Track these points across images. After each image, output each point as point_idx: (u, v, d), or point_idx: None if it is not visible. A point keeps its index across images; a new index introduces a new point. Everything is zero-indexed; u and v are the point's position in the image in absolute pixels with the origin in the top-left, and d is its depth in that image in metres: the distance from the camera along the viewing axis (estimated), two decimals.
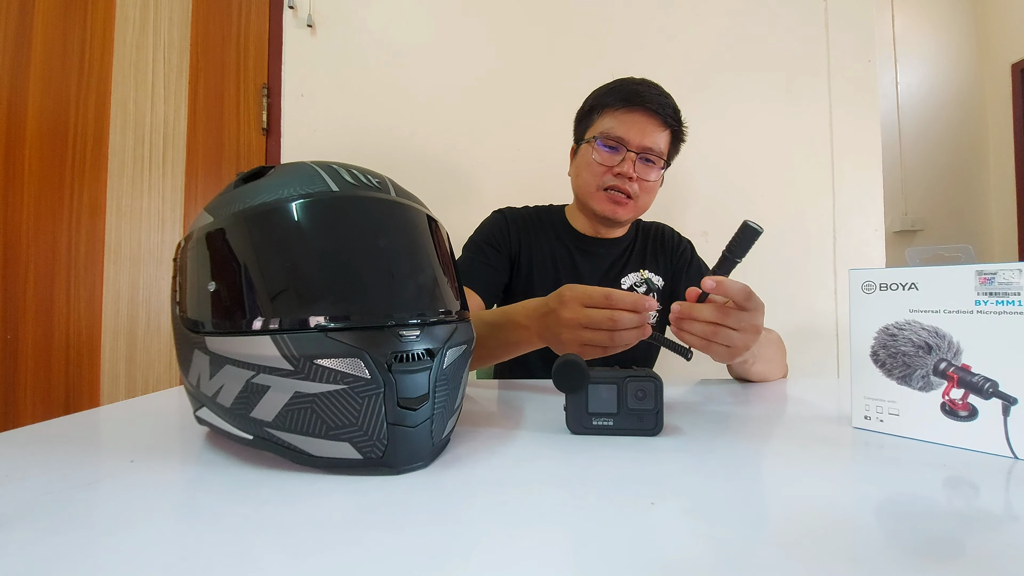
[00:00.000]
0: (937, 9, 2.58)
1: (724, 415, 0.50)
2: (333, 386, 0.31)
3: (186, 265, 0.38)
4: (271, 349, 0.32)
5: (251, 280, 0.34)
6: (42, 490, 0.29)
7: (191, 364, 0.37)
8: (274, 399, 0.32)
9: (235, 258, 0.35)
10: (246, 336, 0.33)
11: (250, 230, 0.35)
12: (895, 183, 2.42)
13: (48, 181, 1.37)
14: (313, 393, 0.31)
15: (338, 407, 0.31)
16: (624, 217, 0.84)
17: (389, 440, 0.32)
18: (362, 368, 0.31)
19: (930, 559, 0.21)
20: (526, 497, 0.28)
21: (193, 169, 1.42)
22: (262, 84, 1.40)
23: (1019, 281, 0.34)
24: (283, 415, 0.32)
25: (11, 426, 0.42)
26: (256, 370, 0.32)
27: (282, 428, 0.33)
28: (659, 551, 0.22)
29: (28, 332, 1.35)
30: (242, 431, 0.34)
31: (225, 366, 0.33)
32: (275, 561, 0.21)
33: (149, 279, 1.42)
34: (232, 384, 0.33)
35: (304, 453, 0.33)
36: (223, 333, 0.34)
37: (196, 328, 0.36)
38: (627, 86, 0.82)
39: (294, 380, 0.32)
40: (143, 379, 1.41)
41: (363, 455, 0.32)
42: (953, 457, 0.35)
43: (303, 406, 0.32)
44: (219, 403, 0.35)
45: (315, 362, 0.31)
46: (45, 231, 1.37)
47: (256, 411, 0.33)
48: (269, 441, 0.33)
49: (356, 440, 0.32)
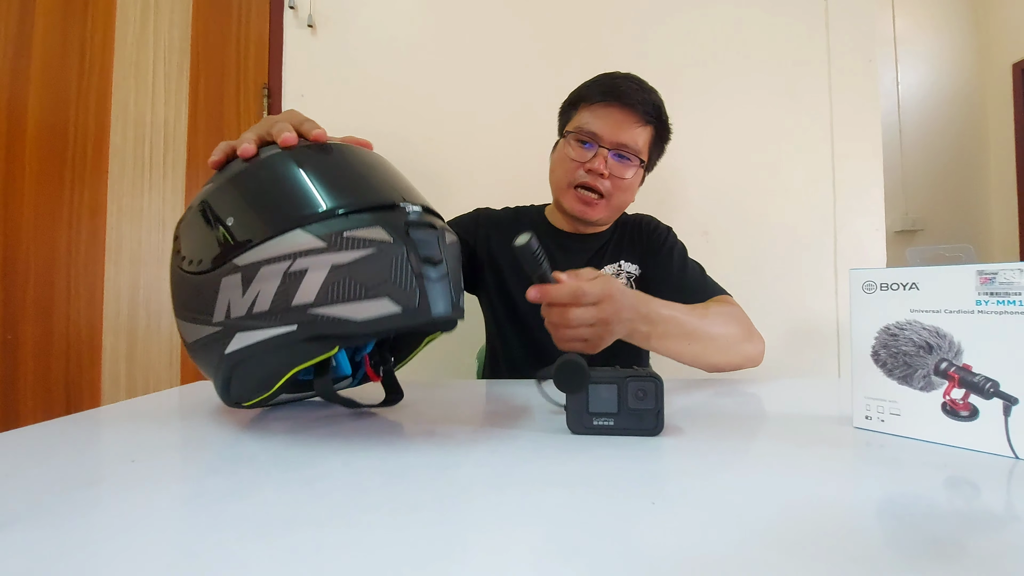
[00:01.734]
0: (937, 9, 2.58)
1: (725, 415, 0.50)
2: (363, 251, 0.36)
3: (196, 225, 0.41)
4: (304, 237, 0.36)
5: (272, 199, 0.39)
6: (42, 490, 0.29)
7: (216, 300, 0.38)
8: (313, 279, 0.36)
9: (251, 192, 0.40)
10: (278, 237, 0.37)
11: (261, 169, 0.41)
12: (896, 183, 2.41)
13: (48, 181, 1.37)
14: (348, 261, 0.36)
15: (372, 267, 0.36)
16: (594, 217, 0.83)
17: (420, 289, 0.36)
18: (384, 234, 0.37)
19: (931, 559, 0.21)
20: (526, 497, 0.28)
21: (194, 169, 1.42)
22: (263, 84, 1.40)
23: (1020, 281, 0.34)
24: (324, 290, 0.36)
25: (11, 426, 0.42)
26: (292, 259, 0.36)
27: (325, 303, 0.36)
28: (659, 551, 0.22)
29: (28, 332, 1.35)
30: (285, 325, 0.36)
31: (260, 269, 0.37)
32: (275, 561, 0.21)
33: (150, 279, 1.42)
34: (269, 284, 0.37)
35: (348, 321, 0.36)
36: (254, 246, 0.37)
37: (220, 262, 0.38)
38: (606, 80, 0.81)
39: (329, 255, 0.36)
40: (143, 379, 1.41)
41: (402, 306, 0.36)
42: (954, 457, 0.35)
43: (341, 276, 0.36)
44: (256, 313, 0.37)
45: (345, 235, 0.36)
46: (45, 231, 1.37)
47: (297, 297, 0.36)
48: (313, 323, 0.36)
49: (393, 293, 0.36)
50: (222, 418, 0.48)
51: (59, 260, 1.38)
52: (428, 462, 0.35)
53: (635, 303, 0.57)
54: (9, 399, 1.34)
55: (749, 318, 0.75)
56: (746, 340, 0.71)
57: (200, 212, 0.42)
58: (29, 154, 1.36)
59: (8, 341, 1.34)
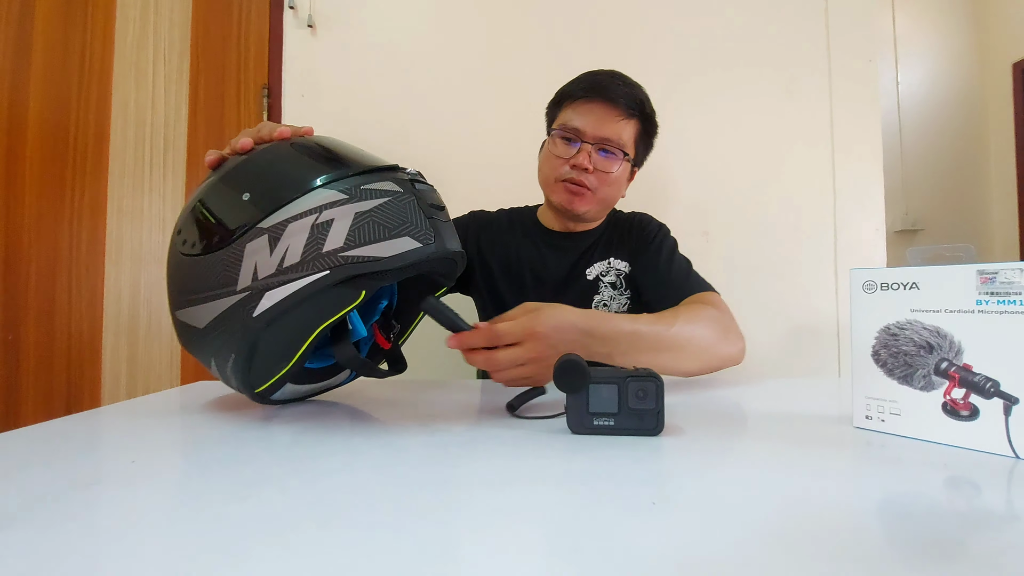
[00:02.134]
0: (937, 9, 2.58)
1: (725, 415, 0.50)
2: (381, 199, 0.41)
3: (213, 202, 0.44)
4: (325, 192, 0.41)
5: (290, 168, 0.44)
6: (43, 490, 0.29)
7: (241, 266, 0.41)
8: (340, 227, 0.40)
9: (268, 166, 0.45)
10: (303, 196, 0.41)
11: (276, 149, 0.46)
12: (896, 182, 2.41)
13: (49, 182, 1.37)
14: (369, 208, 0.41)
15: (390, 212, 0.41)
16: (581, 209, 0.83)
17: (433, 228, 0.42)
18: (395, 186, 0.42)
19: (931, 559, 0.21)
20: (526, 497, 0.28)
21: (194, 170, 1.42)
22: (263, 84, 1.40)
23: (1020, 281, 0.34)
24: (351, 235, 0.40)
25: (12, 426, 0.42)
26: (318, 211, 0.40)
27: (354, 246, 0.40)
28: (659, 551, 0.22)
29: (29, 332, 1.35)
30: (318, 272, 0.40)
31: (288, 226, 0.40)
32: (276, 561, 0.21)
33: (150, 279, 1.42)
34: (298, 237, 0.40)
35: (377, 259, 0.40)
36: (279, 208, 0.41)
37: (244, 229, 0.41)
38: (588, 77, 0.82)
39: (351, 204, 0.40)
40: (144, 379, 1.41)
41: (421, 242, 0.41)
42: (954, 457, 0.35)
43: (364, 221, 0.40)
44: (287, 266, 0.40)
45: (363, 187, 0.42)
46: (46, 231, 1.37)
47: (327, 244, 0.40)
48: (344, 265, 0.40)
49: (412, 232, 0.41)
50: (222, 418, 0.48)
51: (60, 260, 1.38)
52: (428, 462, 0.35)
53: (583, 327, 0.55)
54: (10, 399, 1.34)
55: (728, 317, 0.72)
56: (721, 341, 0.67)
57: (208, 200, 0.45)
58: (30, 155, 1.36)
59: (9, 341, 1.34)
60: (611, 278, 0.86)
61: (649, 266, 0.85)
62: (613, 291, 0.86)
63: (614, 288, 0.86)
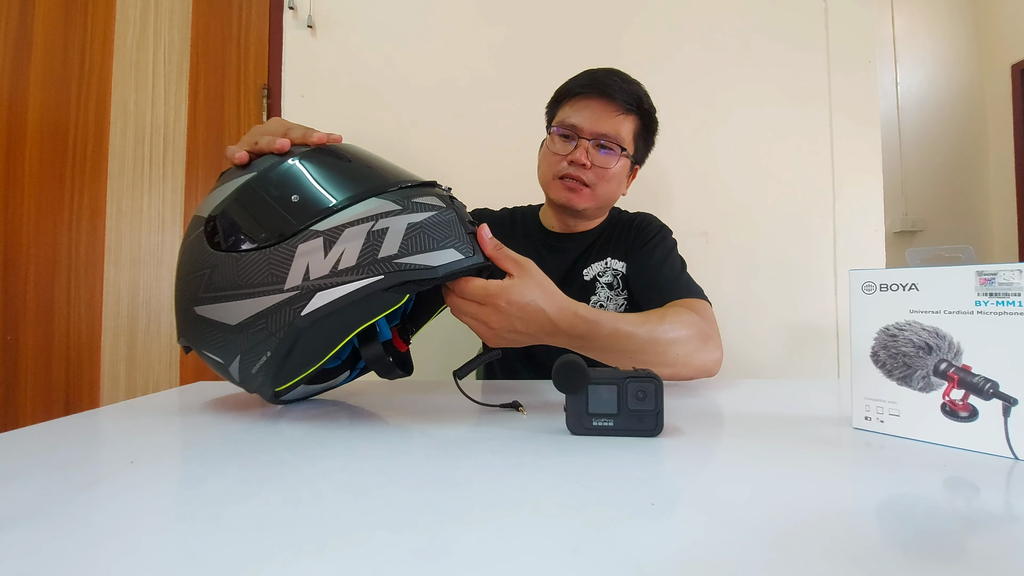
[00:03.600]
0: (937, 9, 2.58)
1: (724, 416, 0.50)
2: (429, 213, 0.44)
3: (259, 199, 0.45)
4: (380, 202, 0.44)
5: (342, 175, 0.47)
6: (42, 491, 0.29)
7: (291, 268, 0.42)
8: (395, 235, 0.43)
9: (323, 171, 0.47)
10: (357, 204, 0.43)
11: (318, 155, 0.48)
12: (895, 184, 2.41)
13: (48, 182, 1.37)
14: (419, 221, 0.44)
15: (437, 225, 0.44)
16: (581, 205, 0.83)
17: (472, 242, 0.46)
18: (439, 201, 0.46)
19: (930, 559, 0.21)
20: (526, 497, 0.28)
21: (193, 170, 1.42)
22: (262, 85, 1.40)
23: (1019, 282, 0.34)
24: (405, 243, 0.43)
25: (11, 427, 0.42)
26: (375, 219, 0.43)
27: (407, 254, 0.42)
28: (659, 551, 0.22)
29: (28, 333, 1.35)
30: (371, 276, 0.42)
31: (344, 231, 0.42)
32: (275, 562, 0.21)
33: (149, 280, 1.42)
34: (354, 242, 0.42)
35: (427, 267, 0.43)
36: (333, 213, 0.43)
37: (296, 230, 0.42)
38: (586, 74, 0.82)
39: (404, 216, 0.43)
40: (143, 380, 1.41)
41: (464, 255, 0.45)
42: (953, 458, 0.35)
43: (416, 232, 0.43)
44: (341, 269, 0.42)
45: (413, 200, 0.45)
46: (45, 232, 1.37)
47: (383, 250, 0.42)
48: (398, 272, 0.42)
49: (456, 245, 0.45)
50: (221, 419, 0.48)
51: (59, 261, 1.38)
52: (428, 462, 0.35)
53: (555, 318, 0.53)
54: (9, 400, 1.34)
55: (711, 326, 0.70)
56: (698, 351, 0.66)
57: (251, 196, 0.46)
58: (29, 155, 1.36)
59: (8, 342, 1.34)
60: (608, 278, 0.86)
61: (641, 266, 0.84)
62: (610, 291, 0.86)
63: (611, 288, 0.86)
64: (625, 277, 0.86)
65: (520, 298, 0.50)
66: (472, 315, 0.50)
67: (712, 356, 0.67)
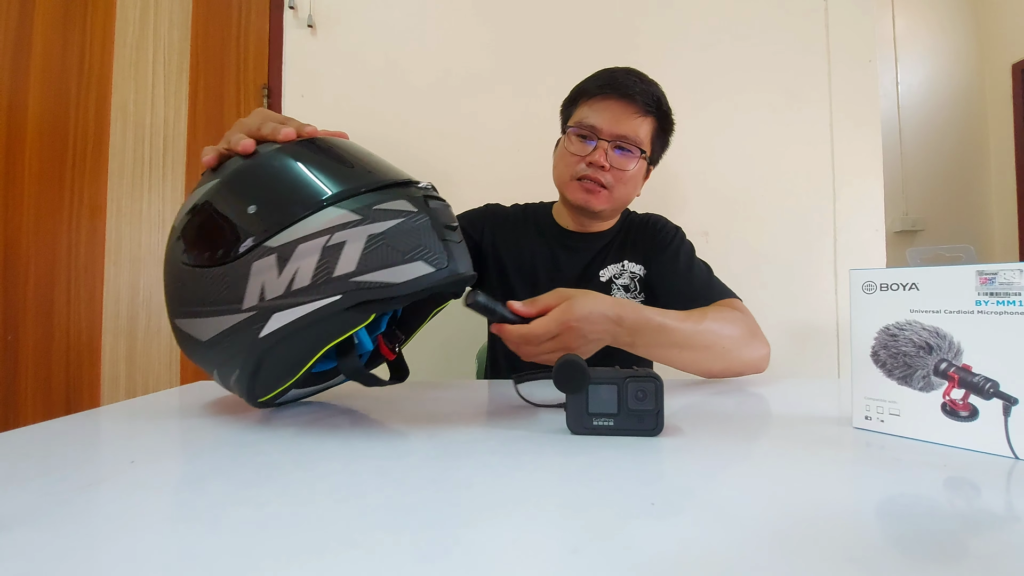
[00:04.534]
0: (937, 9, 2.58)
1: (724, 415, 0.50)
2: (394, 221, 0.39)
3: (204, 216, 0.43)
4: (337, 212, 0.39)
5: (300, 181, 0.42)
6: (42, 491, 0.29)
7: (247, 285, 0.39)
8: (352, 249, 0.38)
9: (274, 177, 0.42)
10: (313, 215, 0.39)
11: (282, 156, 0.43)
12: (896, 183, 2.41)
13: (48, 182, 1.37)
14: (382, 231, 0.39)
15: (403, 234, 0.39)
16: (598, 207, 0.83)
17: (447, 251, 0.40)
18: (408, 205, 0.40)
19: (931, 559, 0.21)
20: (526, 497, 0.28)
21: (193, 170, 1.42)
22: (262, 84, 1.40)
23: (1020, 281, 0.34)
24: (364, 259, 0.38)
25: (11, 426, 0.42)
26: (330, 233, 0.38)
27: (366, 271, 0.38)
28: (659, 551, 0.22)
29: (28, 333, 1.35)
30: (328, 296, 0.38)
31: (297, 248, 0.39)
32: (275, 562, 0.21)
33: (149, 280, 1.42)
34: (308, 259, 0.38)
35: (390, 285, 0.38)
36: (287, 226, 0.39)
37: (248, 247, 0.39)
38: (605, 74, 0.81)
39: (363, 226, 0.39)
40: (143, 380, 1.41)
41: (435, 267, 0.39)
42: (954, 457, 0.35)
43: (377, 244, 0.39)
44: (296, 288, 0.39)
45: (375, 208, 0.39)
46: (45, 232, 1.37)
47: (339, 268, 0.38)
48: (356, 291, 0.38)
49: (426, 257, 0.39)
50: (222, 419, 0.48)
51: (59, 261, 1.38)
52: (428, 463, 0.35)
53: (612, 315, 0.57)
54: (9, 399, 1.34)
55: (754, 323, 0.73)
56: (746, 346, 0.68)
57: (211, 207, 0.42)
58: (29, 155, 1.36)
59: (8, 342, 1.34)
60: (624, 280, 0.86)
61: (667, 271, 0.84)
62: (626, 294, 0.86)
63: (627, 291, 0.86)
64: (642, 280, 0.87)
65: (583, 311, 0.54)
66: (552, 350, 0.53)
67: (760, 352, 0.69)
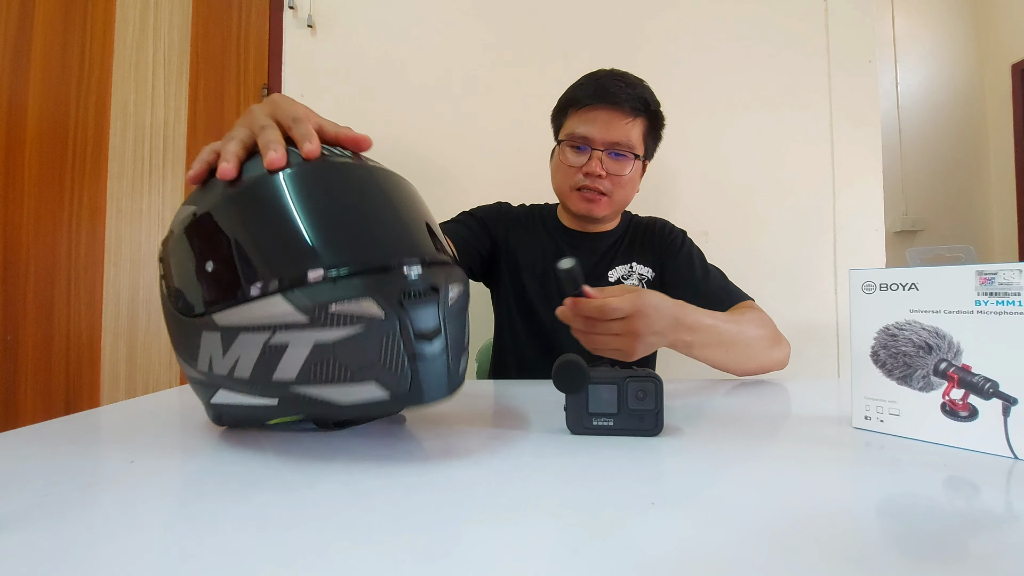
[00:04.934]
0: (937, 9, 2.58)
1: (724, 415, 0.50)
2: (350, 329, 0.32)
3: (178, 255, 0.37)
4: (284, 306, 0.32)
5: (252, 248, 0.34)
6: (42, 490, 0.29)
7: (199, 350, 0.36)
8: (294, 355, 0.33)
9: (230, 234, 0.35)
10: (256, 301, 0.33)
11: (241, 205, 0.36)
12: (895, 183, 2.41)
13: (48, 183, 1.37)
14: (332, 340, 0.32)
15: (359, 349, 0.32)
16: (600, 213, 0.84)
17: (412, 373, 0.33)
18: (375, 307, 0.32)
19: (930, 559, 0.21)
20: (526, 497, 0.28)
21: None
22: (262, 85, 1.40)
23: (1019, 281, 0.34)
24: (306, 369, 0.33)
25: (11, 426, 0.42)
26: (272, 331, 0.33)
27: (307, 382, 0.33)
28: (659, 551, 0.22)
29: (28, 333, 1.35)
30: (266, 398, 0.34)
31: (239, 336, 0.34)
32: (275, 562, 0.21)
33: (149, 280, 1.42)
34: (249, 352, 0.34)
35: (332, 404, 0.33)
36: (233, 304, 0.34)
37: (200, 311, 0.36)
38: (591, 82, 0.82)
39: (311, 331, 0.32)
40: (143, 380, 1.41)
41: (390, 392, 0.33)
42: (953, 457, 0.35)
43: (324, 356, 0.32)
44: (237, 377, 0.35)
45: (329, 310, 0.32)
46: (45, 233, 1.37)
47: (278, 372, 0.33)
48: (295, 402, 0.34)
49: (381, 378, 0.32)
50: None
51: (59, 261, 1.38)
52: (427, 463, 0.35)
53: (675, 314, 0.58)
54: (9, 399, 1.34)
55: (774, 323, 0.76)
56: (775, 344, 0.72)
57: (186, 241, 0.37)
58: (29, 156, 1.36)
59: (8, 342, 1.34)
60: (633, 281, 0.87)
61: (683, 276, 0.86)
62: None
63: None
64: (651, 283, 0.88)
65: (654, 300, 0.55)
66: (619, 331, 0.53)
67: (785, 349, 0.74)
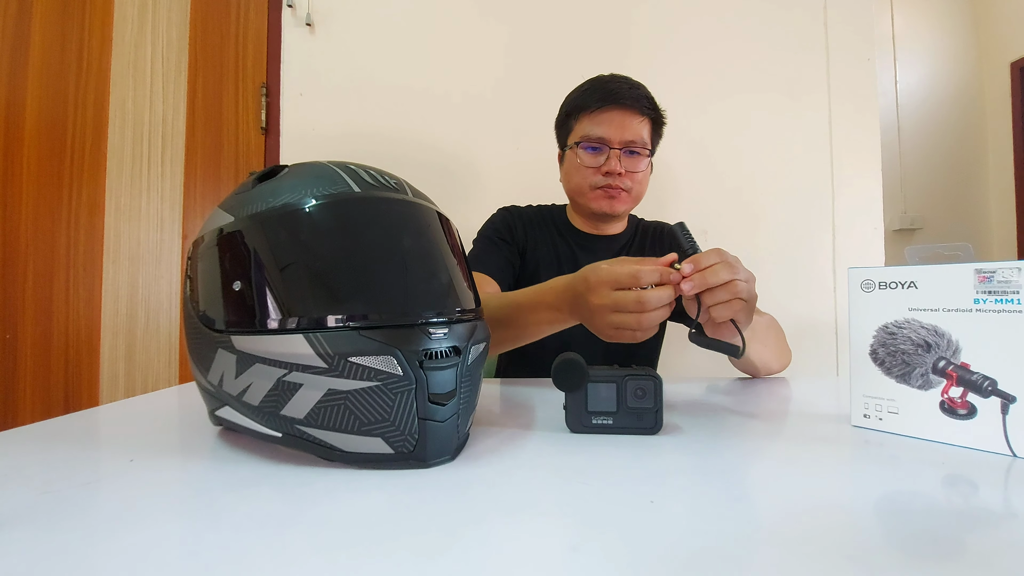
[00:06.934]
0: (937, 8, 2.58)
1: (724, 414, 0.50)
2: (367, 383, 0.32)
3: (206, 263, 0.37)
4: (304, 347, 0.32)
5: (283, 280, 0.34)
6: (41, 489, 0.29)
7: (212, 362, 0.36)
8: (307, 396, 0.33)
9: (263, 258, 0.35)
10: (279, 335, 0.33)
11: (277, 231, 0.35)
12: (894, 182, 2.41)
13: (47, 181, 1.37)
14: (347, 390, 0.32)
15: (371, 403, 0.32)
16: (620, 209, 0.86)
17: (420, 434, 0.33)
18: (395, 365, 0.32)
19: (929, 557, 0.21)
20: (526, 496, 0.28)
21: (192, 168, 1.42)
22: (261, 83, 1.40)
23: (1017, 279, 0.34)
24: (315, 412, 0.33)
25: (10, 425, 0.42)
26: (288, 368, 0.33)
27: (314, 425, 0.33)
28: (658, 549, 0.22)
29: (27, 332, 1.35)
30: (271, 429, 0.35)
31: (254, 364, 0.34)
32: (275, 561, 0.21)
33: (148, 278, 1.41)
34: (261, 382, 0.34)
35: (335, 449, 0.33)
36: (253, 332, 0.34)
37: (220, 327, 0.36)
38: (599, 86, 0.84)
39: (328, 378, 0.32)
40: (142, 378, 1.41)
41: (395, 449, 0.33)
42: (952, 455, 0.35)
43: (336, 403, 0.32)
44: (245, 402, 0.35)
45: (349, 360, 0.32)
46: (44, 231, 1.37)
47: (287, 409, 0.33)
48: (299, 438, 0.34)
49: (388, 435, 0.33)
50: None
51: (57, 259, 1.37)
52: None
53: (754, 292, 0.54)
54: (8, 398, 1.34)
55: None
56: (785, 349, 0.76)
57: (216, 252, 0.37)
58: (27, 154, 1.36)
59: (7, 340, 1.34)
60: None
61: None
62: None
63: None
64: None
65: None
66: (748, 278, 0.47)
67: (789, 353, 0.78)
